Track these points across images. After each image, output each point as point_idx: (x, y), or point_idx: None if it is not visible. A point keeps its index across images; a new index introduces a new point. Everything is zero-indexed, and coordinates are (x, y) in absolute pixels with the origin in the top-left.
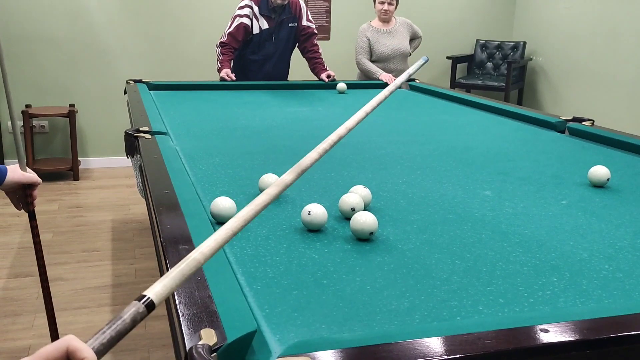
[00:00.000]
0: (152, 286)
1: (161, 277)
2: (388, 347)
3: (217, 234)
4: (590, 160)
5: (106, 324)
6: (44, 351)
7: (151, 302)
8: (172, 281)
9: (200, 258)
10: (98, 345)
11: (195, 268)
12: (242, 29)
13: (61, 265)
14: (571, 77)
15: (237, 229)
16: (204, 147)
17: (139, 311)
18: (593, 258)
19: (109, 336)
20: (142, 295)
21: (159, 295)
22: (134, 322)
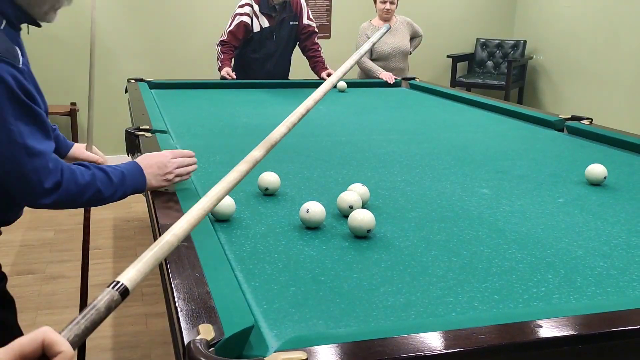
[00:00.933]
0: (125, 272)
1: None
2: (383, 342)
3: (188, 215)
4: (588, 159)
5: (80, 313)
6: (19, 343)
7: (125, 288)
8: (146, 266)
9: (174, 240)
10: (73, 336)
11: (168, 251)
12: (243, 27)
13: (63, 263)
14: (572, 75)
15: (208, 208)
16: (204, 145)
17: (113, 299)
18: (588, 255)
19: (83, 327)
20: (115, 281)
21: (133, 280)
22: (109, 310)
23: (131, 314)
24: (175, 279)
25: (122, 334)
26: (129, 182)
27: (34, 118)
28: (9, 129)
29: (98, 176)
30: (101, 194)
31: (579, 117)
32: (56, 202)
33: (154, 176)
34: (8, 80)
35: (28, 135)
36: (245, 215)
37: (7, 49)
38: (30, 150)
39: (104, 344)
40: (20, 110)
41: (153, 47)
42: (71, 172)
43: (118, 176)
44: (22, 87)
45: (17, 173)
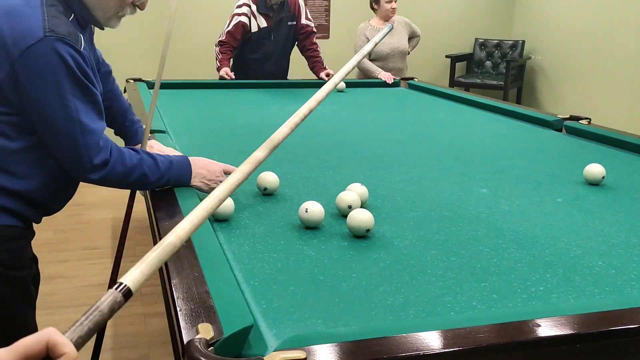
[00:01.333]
0: (128, 273)
1: (137, 263)
2: (382, 341)
3: (191, 216)
4: (586, 159)
5: (83, 314)
6: (23, 343)
7: (128, 289)
8: (149, 267)
9: (176, 242)
10: (76, 338)
11: (171, 252)
12: (241, 27)
13: (62, 263)
14: (570, 75)
15: (211, 209)
16: (203, 145)
17: (116, 300)
18: (586, 255)
19: (86, 328)
20: (119, 282)
21: (136, 282)
22: (112, 312)
23: (130, 314)
24: (175, 278)
25: (121, 334)
26: (175, 171)
27: (90, 97)
28: (66, 105)
29: (146, 160)
30: (147, 178)
31: (577, 117)
32: (104, 178)
33: (201, 177)
34: (67, 59)
35: (83, 112)
36: (244, 215)
37: (69, 33)
38: (84, 127)
39: (103, 344)
40: (77, 88)
41: (152, 48)
42: (120, 152)
43: (165, 164)
44: (80, 67)
45: (69, 147)
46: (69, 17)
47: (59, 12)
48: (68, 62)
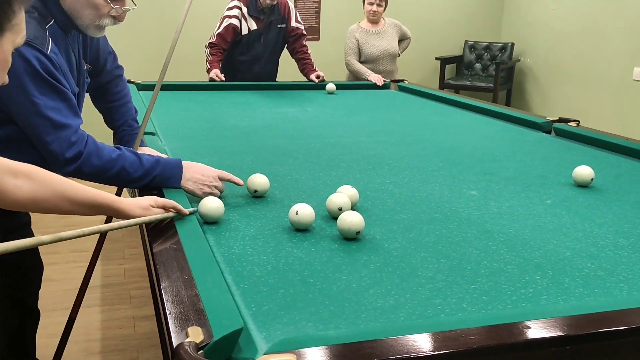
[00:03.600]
0: None
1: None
2: (372, 344)
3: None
4: (575, 161)
5: None
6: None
7: None
8: None
9: None
10: None
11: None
12: (231, 29)
13: (50, 265)
14: (559, 77)
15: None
16: (192, 147)
17: None
18: (576, 256)
19: None
20: None
21: None
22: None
23: (119, 317)
24: (164, 281)
25: (110, 337)
26: (162, 170)
27: (60, 95)
28: (35, 102)
29: (127, 156)
30: (128, 174)
31: (566, 119)
32: (78, 170)
33: (194, 180)
34: (31, 61)
35: (53, 109)
36: (234, 217)
37: (35, 36)
38: (55, 122)
39: (91, 347)
40: (45, 86)
41: (141, 49)
42: (97, 147)
43: (151, 162)
44: (45, 68)
45: (42, 141)
46: (48, 22)
47: (31, 18)
48: (32, 63)
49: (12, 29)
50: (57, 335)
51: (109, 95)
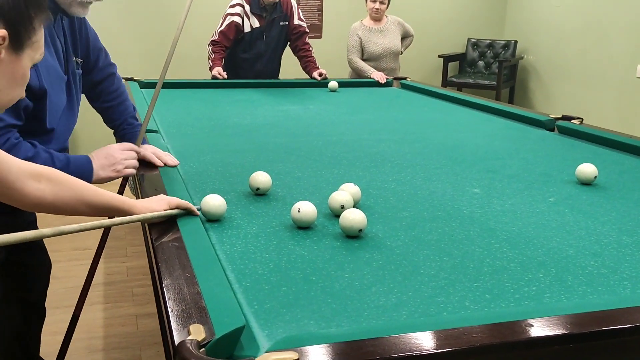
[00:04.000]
0: None
1: None
2: (374, 342)
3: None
4: (578, 158)
5: None
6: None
7: None
8: None
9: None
10: None
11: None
12: (234, 27)
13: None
14: (562, 75)
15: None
16: (195, 145)
17: None
18: (579, 254)
19: None
20: None
21: None
22: None
23: (121, 315)
24: (166, 279)
25: (112, 335)
26: (73, 167)
27: None
28: None
29: (41, 155)
30: None
31: (569, 117)
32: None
33: (102, 167)
34: None
35: None
36: (237, 215)
37: None
38: None
39: (94, 345)
40: None
41: (143, 47)
42: (13, 145)
43: (62, 160)
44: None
45: None
46: None
47: None
48: None
49: (32, 46)
50: (60, 333)
51: (105, 94)
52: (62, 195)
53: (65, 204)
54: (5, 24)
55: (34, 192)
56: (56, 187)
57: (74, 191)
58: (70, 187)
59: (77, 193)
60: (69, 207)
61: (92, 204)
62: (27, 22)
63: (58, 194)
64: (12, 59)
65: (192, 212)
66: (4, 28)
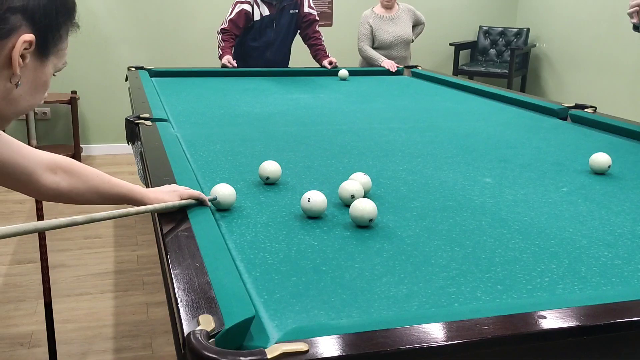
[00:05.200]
0: None
1: None
2: (385, 333)
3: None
4: (592, 148)
5: None
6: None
7: None
8: None
9: None
10: None
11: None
12: (243, 15)
13: (63, 252)
14: (575, 63)
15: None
16: (204, 133)
17: None
18: (592, 245)
19: None
20: None
21: None
22: None
23: (132, 303)
24: (176, 268)
25: (123, 323)
26: None
27: None
28: None
29: None
30: None
31: (582, 106)
32: None
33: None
34: None
35: None
36: (246, 204)
37: None
38: None
39: (105, 333)
40: None
41: (154, 35)
42: None
43: None
44: None
45: None
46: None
47: None
48: None
49: (57, 54)
50: (71, 321)
51: None
52: (77, 186)
53: (80, 195)
54: (34, 29)
55: (50, 184)
56: (72, 178)
57: (88, 183)
58: (86, 180)
59: (91, 185)
60: (83, 199)
61: (106, 195)
62: (55, 30)
63: (73, 186)
64: (37, 65)
65: (203, 202)
66: (32, 33)
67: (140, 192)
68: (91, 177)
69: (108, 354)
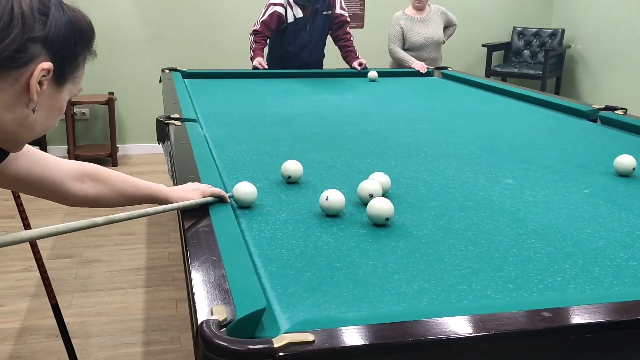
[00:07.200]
0: None
1: None
2: (391, 326)
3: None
4: (619, 150)
5: None
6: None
7: None
8: None
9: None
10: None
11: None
12: (276, 17)
13: (99, 247)
14: (611, 65)
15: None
16: (232, 134)
17: None
18: (609, 246)
19: None
20: None
21: None
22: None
23: (162, 299)
24: (193, 262)
25: (152, 317)
26: None
27: None
28: None
29: None
30: None
31: (612, 107)
32: None
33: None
34: None
35: None
36: (267, 202)
37: None
38: None
39: (134, 327)
40: None
41: (188, 38)
42: None
43: None
44: None
45: None
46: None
47: None
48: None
49: (73, 81)
50: (104, 314)
51: None
52: (104, 192)
53: (107, 200)
54: (53, 58)
55: (78, 192)
56: (99, 185)
57: (114, 187)
58: (111, 185)
59: (117, 189)
60: (110, 203)
61: (131, 198)
62: (73, 58)
63: (100, 192)
64: (53, 92)
65: (224, 199)
66: (51, 61)
67: (164, 191)
68: (117, 181)
69: (138, 347)
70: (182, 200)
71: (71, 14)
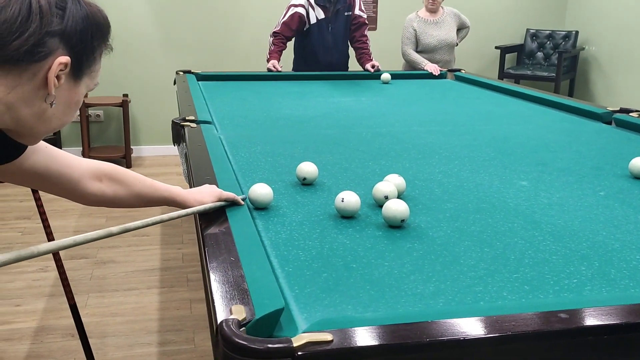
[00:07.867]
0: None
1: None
2: (408, 326)
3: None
4: (634, 152)
5: None
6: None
7: None
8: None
9: (34, 250)
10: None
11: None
12: (297, 18)
13: (113, 248)
14: (625, 67)
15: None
16: (246, 135)
17: None
18: (625, 248)
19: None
20: None
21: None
22: None
23: (177, 299)
24: (212, 262)
25: (167, 318)
26: None
27: None
28: None
29: None
30: None
31: (627, 110)
32: None
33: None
34: None
35: None
36: (283, 203)
37: None
38: None
39: (149, 327)
40: None
41: (202, 40)
42: None
43: None
44: None
45: None
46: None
47: None
48: None
49: (90, 75)
50: (120, 314)
51: None
52: (121, 193)
53: (124, 200)
54: (70, 52)
55: (95, 191)
56: (116, 185)
57: (132, 188)
58: (128, 185)
59: (134, 190)
60: (127, 203)
61: (148, 199)
62: (89, 53)
63: (117, 192)
64: (70, 85)
65: (237, 203)
66: (68, 55)
67: (181, 194)
68: (134, 182)
69: (153, 347)
70: (199, 204)
71: (88, 8)
